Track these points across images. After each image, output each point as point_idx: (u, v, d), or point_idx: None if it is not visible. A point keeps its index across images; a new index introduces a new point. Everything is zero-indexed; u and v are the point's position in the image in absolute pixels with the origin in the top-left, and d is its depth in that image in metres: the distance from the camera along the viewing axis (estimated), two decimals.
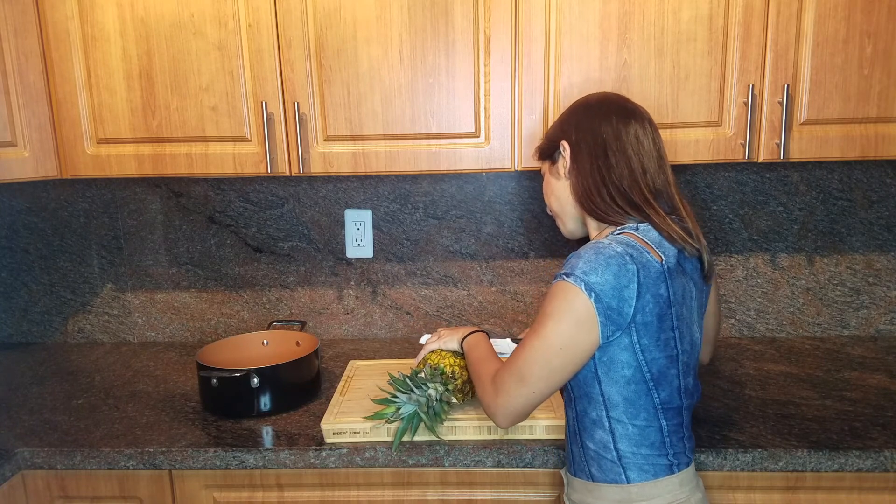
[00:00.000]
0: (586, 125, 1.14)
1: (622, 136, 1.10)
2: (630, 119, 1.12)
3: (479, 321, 1.94)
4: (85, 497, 1.39)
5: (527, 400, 1.08)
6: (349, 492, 1.37)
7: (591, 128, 1.13)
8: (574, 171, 1.14)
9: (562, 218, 1.22)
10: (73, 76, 1.51)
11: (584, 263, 1.02)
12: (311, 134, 1.51)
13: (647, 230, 1.08)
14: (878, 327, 1.87)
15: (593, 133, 1.12)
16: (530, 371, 1.06)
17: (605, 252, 1.02)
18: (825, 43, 1.40)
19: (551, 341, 1.04)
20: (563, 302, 1.02)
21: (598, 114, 1.14)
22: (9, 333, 2.02)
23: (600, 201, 1.10)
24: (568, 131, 1.16)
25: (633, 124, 1.11)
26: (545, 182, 1.24)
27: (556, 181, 1.19)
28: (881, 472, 1.26)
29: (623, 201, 1.09)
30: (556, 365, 1.05)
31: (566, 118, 1.19)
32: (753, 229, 1.84)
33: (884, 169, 1.78)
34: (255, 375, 1.42)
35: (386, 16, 1.45)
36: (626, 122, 1.12)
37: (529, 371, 1.06)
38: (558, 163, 1.18)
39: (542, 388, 1.07)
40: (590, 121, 1.14)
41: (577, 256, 1.04)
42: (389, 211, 1.89)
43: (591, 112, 1.15)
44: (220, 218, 1.92)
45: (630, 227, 1.09)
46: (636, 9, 1.41)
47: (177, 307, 1.98)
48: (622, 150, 1.10)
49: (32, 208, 1.94)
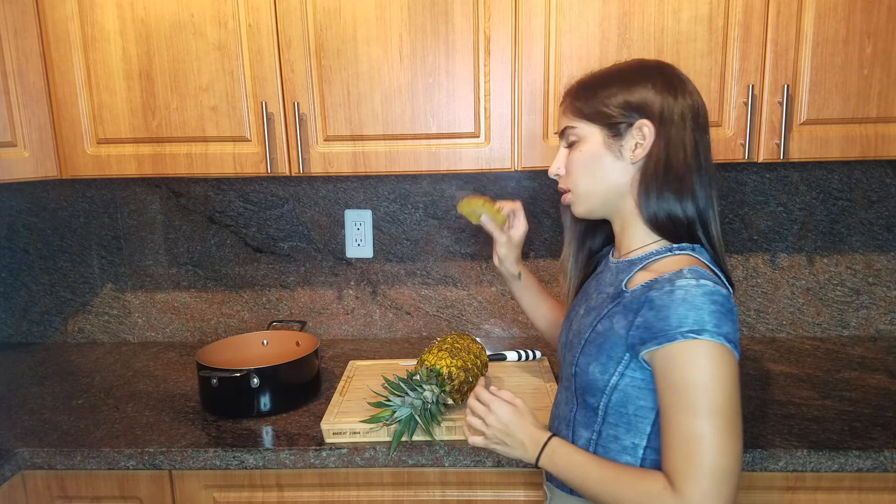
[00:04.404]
0: (669, 108, 0.97)
1: (706, 131, 0.98)
2: (701, 99, 0.99)
3: (478, 321, 1.94)
4: (85, 497, 1.39)
5: (736, 490, 0.89)
6: (349, 492, 1.37)
7: (681, 116, 0.97)
8: (649, 167, 0.97)
9: (588, 199, 1.04)
10: (73, 76, 1.51)
11: (707, 315, 0.88)
12: (311, 134, 1.51)
13: (702, 252, 1.00)
14: (878, 327, 1.87)
15: (682, 123, 0.97)
16: (728, 458, 0.87)
17: (716, 296, 0.90)
18: (825, 43, 1.40)
19: (729, 413, 0.88)
20: (715, 366, 0.88)
21: (682, 92, 0.98)
22: (9, 333, 2.02)
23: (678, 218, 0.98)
24: (646, 106, 0.97)
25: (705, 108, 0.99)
26: (582, 153, 1.02)
27: (614, 161, 1.00)
28: (881, 472, 1.26)
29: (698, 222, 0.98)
30: (741, 432, 0.89)
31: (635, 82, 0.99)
32: (753, 229, 1.84)
33: (884, 169, 1.78)
34: (255, 375, 1.42)
35: (386, 16, 1.45)
36: (703, 105, 0.99)
37: (728, 459, 0.87)
38: (625, 140, 0.99)
39: (739, 465, 0.90)
40: (675, 100, 0.97)
41: (690, 307, 0.89)
42: (389, 211, 1.89)
43: (670, 87, 0.98)
44: (220, 218, 1.92)
45: (688, 247, 0.99)
46: (636, 9, 1.41)
47: (177, 307, 1.98)
48: (707, 148, 0.98)
49: (32, 208, 1.94)
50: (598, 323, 1.01)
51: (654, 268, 0.99)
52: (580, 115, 1.02)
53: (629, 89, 0.98)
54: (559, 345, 1.16)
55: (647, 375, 0.96)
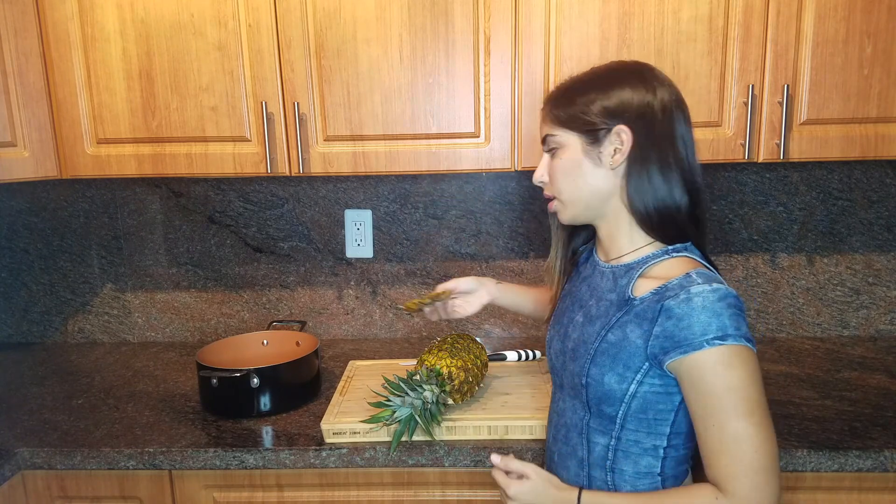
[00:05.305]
0: (647, 105, 0.96)
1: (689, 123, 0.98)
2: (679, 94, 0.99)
3: (478, 321, 1.94)
4: (85, 497, 1.39)
5: (779, 485, 0.93)
6: (349, 492, 1.37)
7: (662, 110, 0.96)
8: (634, 168, 0.97)
9: (574, 206, 1.04)
10: (73, 76, 1.51)
11: (728, 319, 0.90)
12: (310, 134, 1.51)
13: (693, 251, 1.01)
14: (878, 327, 1.87)
15: (663, 118, 0.96)
16: (772, 449, 0.91)
17: (730, 298, 0.92)
18: (825, 43, 1.40)
19: (762, 409, 0.92)
20: (743, 367, 0.91)
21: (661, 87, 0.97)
22: (9, 333, 2.02)
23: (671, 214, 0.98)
24: (623, 110, 0.96)
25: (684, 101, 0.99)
26: (562, 160, 1.02)
27: (594, 168, 0.99)
28: (881, 472, 1.26)
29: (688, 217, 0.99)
30: (772, 421, 0.93)
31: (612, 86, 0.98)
32: (753, 229, 1.84)
33: (884, 169, 1.78)
34: (255, 375, 1.42)
35: (386, 16, 1.45)
36: (682, 99, 0.99)
37: (771, 450, 0.91)
38: (603, 147, 0.98)
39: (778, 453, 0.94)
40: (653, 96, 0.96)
41: (711, 313, 0.90)
42: (389, 211, 1.89)
43: (648, 84, 0.97)
44: (220, 218, 1.92)
45: (681, 248, 1.00)
46: (636, 9, 1.41)
47: (177, 307, 1.98)
48: (691, 142, 0.98)
49: (32, 208, 1.94)
50: (609, 332, 1.00)
51: (656, 273, 0.99)
52: (559, 122, 1.02)
53: (606, 94, 0.98)
54: (552, 351, 1.14)
55: (666, 381, 0.97)
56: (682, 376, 0.94)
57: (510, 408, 1.40)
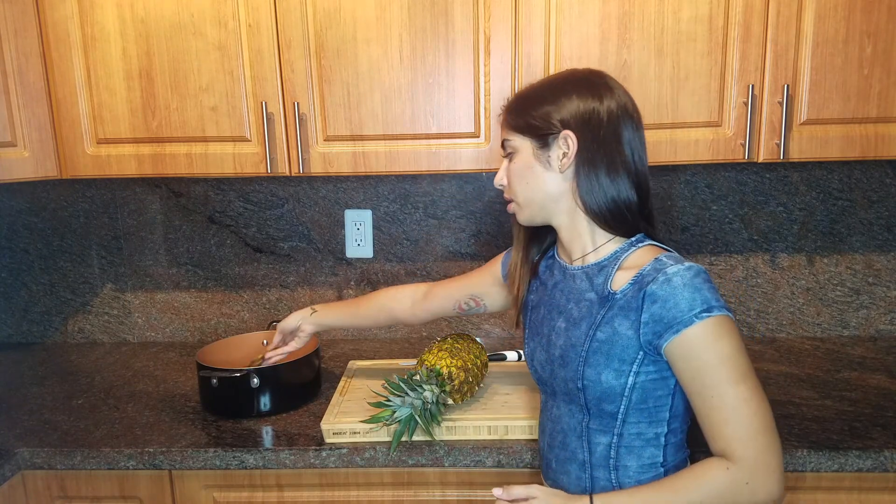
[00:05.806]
0: (593, 111, 1.00)
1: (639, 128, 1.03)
2: (630, 100, 1.04)
3: (478, 321, 1.94)
4: (85, 497, 1.39)
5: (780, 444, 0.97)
6: (349, 492, 1.37)
7: (608, 116, 1.01)
8: (583, 170, 1.01)
9: (529, 207, 1.08)
10: (73, 76, 1.51)
11: (708, 293, 0.94)
12: (311, 134, 1.51)
13: (651, 240, 1.05)
14: (878, 327, 1.87)
15: (609, 124, 1.00)
16: (765, 416, 0.95)
17: (703, 273, 0.96)
18: (825, 43, 1.40)
19: (752, 372, 0.96)
20: (730, 336, 0.94)
21: (609, 95, 1.02)
22: (9, 333, 2.02)
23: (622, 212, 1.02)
24: (570, 116, 1.01)
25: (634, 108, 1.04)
26: (516, 164, 1.06)
27: (544, 171, 1.04)
28: (881, 472, 1.26)
29: (642, 212, 1.04)
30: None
31: (561, 93, 1.03)
32: (753, 229, 1.84)
33: (884, 169, 1.78)
34: (254, 375, 1.42)
35: (386, 16, 1.45)
36: (632, 106, 1.03)
37: (767, 409, 0.95)
38: (552, 151, 1.02)
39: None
40: (600, 103, 1.01)
41: (693, 289, 0.94)
42: (389, 211, 1.89)
43: (595, 92, 1.02)
44: (220, 218, 1.92)
45: (642, 237, 1.04)
46: (636, 9, 1.41)
47: (177, 307, 1.98)
48: (640, 145, 1.03)
49: (32, 208, 1.94)
50: (597, 331, 1.01)
51: (628, 264, 1.03)
52: (512, 128, 1.06)
53: (555, 101, 1.03)
54: (535, 362, 1.14)
55: (660, 366, 0.99)
56: (676, 356, 0.96)
57: (510, 408, 1.40)
